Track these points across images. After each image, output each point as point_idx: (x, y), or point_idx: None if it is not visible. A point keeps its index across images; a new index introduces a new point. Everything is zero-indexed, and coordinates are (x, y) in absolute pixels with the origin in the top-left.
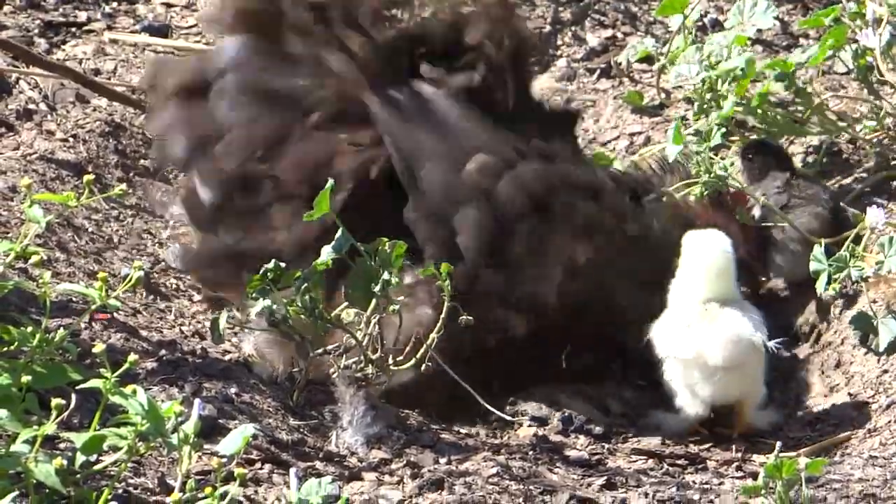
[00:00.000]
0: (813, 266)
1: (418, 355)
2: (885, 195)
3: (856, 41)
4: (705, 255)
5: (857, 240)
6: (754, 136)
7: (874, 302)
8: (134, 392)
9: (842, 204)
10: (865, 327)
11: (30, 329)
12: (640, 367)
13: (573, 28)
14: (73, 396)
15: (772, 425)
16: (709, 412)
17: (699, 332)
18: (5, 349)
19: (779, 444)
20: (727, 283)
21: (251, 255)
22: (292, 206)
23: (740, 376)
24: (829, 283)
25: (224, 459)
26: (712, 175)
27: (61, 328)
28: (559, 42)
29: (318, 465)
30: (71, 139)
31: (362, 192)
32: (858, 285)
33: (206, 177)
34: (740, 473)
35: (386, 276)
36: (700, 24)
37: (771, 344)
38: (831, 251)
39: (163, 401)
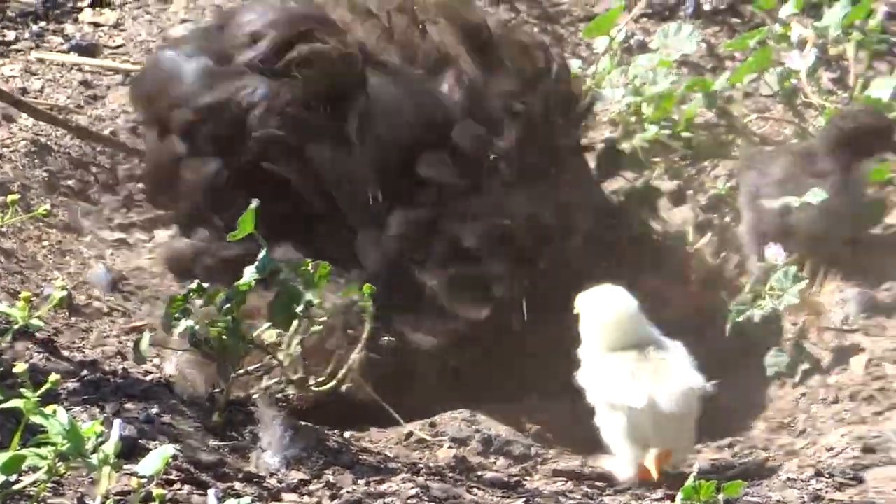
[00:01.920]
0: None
1: (339, 376)
2: None
3: (781, 63)
4: (602, 316)
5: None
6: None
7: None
8: (55, 412)
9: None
10: (778, 361)
11: None
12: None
13: None
14: None
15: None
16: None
17: (647, 380)
18: None
19: (696, 465)
20: (631, 334)
21: None
22: None
23: (680, 425)
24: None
25: (144, 480)
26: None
27: None
28: None
29: (238, 485)
30: None
31: None
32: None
33: None
34: (659, 495)
35: (309, 296)
36: (626, 45)
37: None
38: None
39: (84, 421)
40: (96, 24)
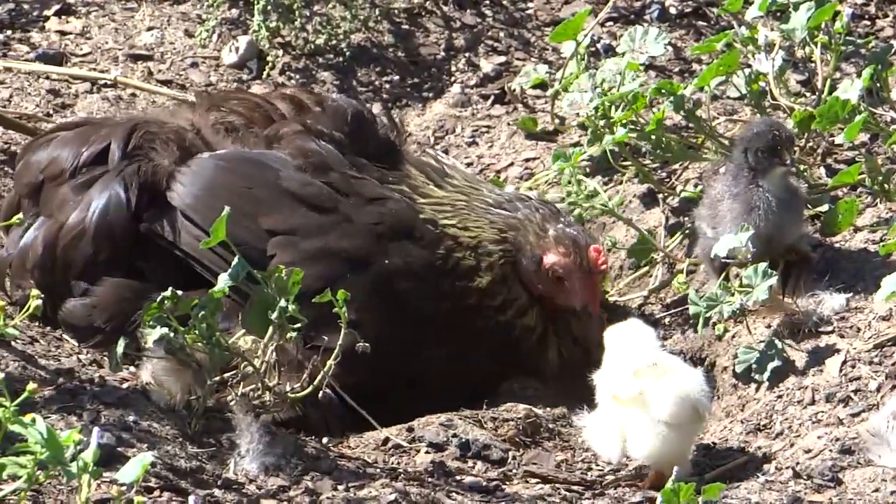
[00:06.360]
0: (691, 309)
1: (315, 382)
2: None
3: (749, 66)
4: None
5: (727, 275)
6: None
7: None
8: (33, 420)
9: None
10: (748, 358)
11: None
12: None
13: (467, 54)
14: None
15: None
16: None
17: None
18: None
19: (676, 469)
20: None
21: None
22: None
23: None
24: (705, 323)
25: (123, 487)
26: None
27: None
28: (453, 68)
29: (217, 492)
30: None
31: None
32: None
33: None
34: (638, 498)
35: (283, 303)
36: (593, 49)
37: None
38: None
39: (62, 429)
40: (62, 33)
